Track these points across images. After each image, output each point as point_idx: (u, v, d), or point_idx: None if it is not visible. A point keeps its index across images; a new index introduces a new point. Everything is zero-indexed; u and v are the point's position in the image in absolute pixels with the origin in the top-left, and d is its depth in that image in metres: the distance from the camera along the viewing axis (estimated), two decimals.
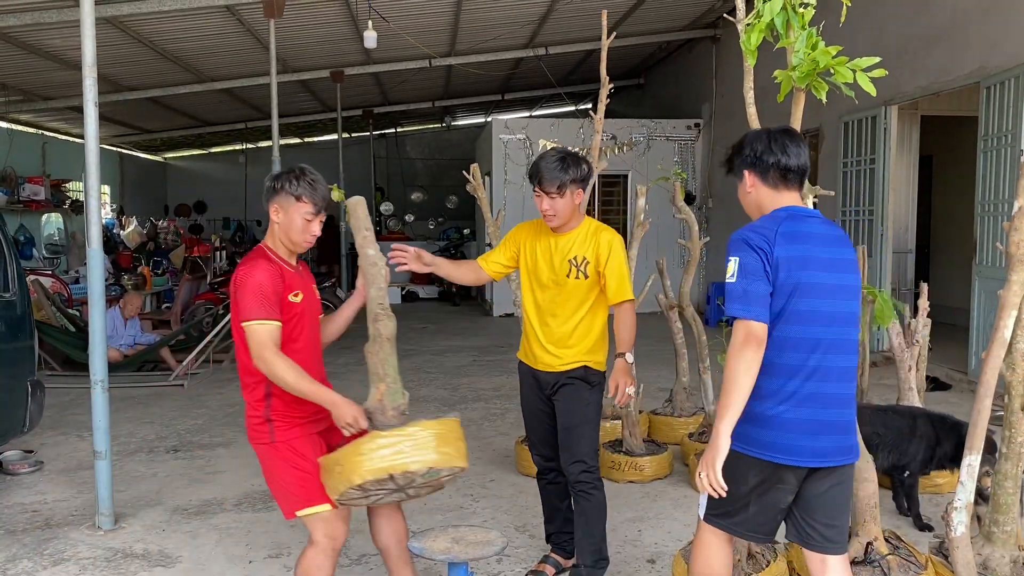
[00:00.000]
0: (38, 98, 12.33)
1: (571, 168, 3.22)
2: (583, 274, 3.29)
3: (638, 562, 3.74)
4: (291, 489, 2.80)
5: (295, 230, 2.84)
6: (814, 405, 2.38)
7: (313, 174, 2.89)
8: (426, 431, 2.74)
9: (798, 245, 2.41)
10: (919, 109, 9.04)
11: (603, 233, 3.33)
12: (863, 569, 3.01)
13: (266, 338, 2.70)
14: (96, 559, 3.85)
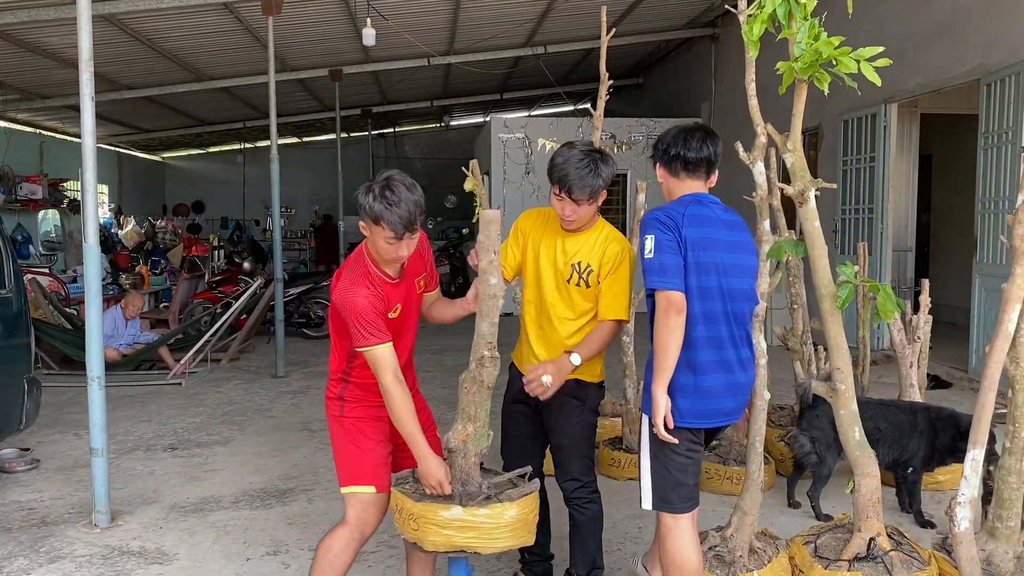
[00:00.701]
0: (35, 97, 12.30)
1: (603, 170, 2.95)
2: (584, 282, 3.06)
3: (638, 559, 3.71)
4: (344, 464, 2.84)
5: (380, 251, 2.66)
6: (718, 371, 2.73)
7: (395, 190, 2.53)
8: (508, 514, 2.61)
9: (701, 228, 2.75)
10: (919, 107, 9.02)
11: (613, 244, 3.08)
12: (865, 565, 2.98)
13: (384, 361, 2.65)
14: (92, 557, 3.81)
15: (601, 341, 3.03)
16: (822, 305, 2.98)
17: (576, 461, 3.17)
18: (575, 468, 3.16)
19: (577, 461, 3.17)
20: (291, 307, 10.48)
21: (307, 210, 20.88)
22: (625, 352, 4.95)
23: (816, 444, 4.10)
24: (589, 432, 3.21)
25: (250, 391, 7.50)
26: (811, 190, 2.92)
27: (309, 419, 6.45)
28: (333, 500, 4.57)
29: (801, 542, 3.21)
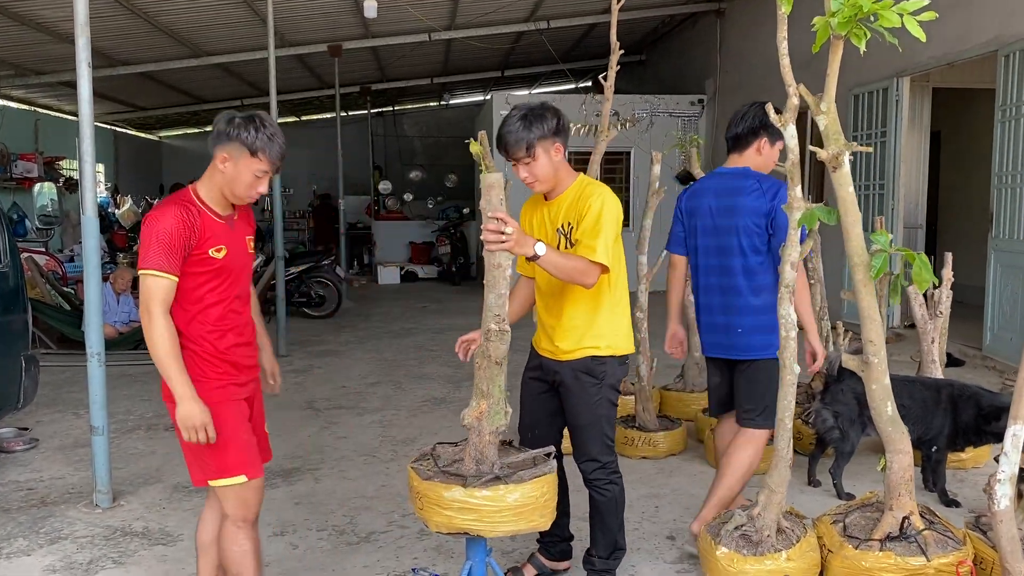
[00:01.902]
0: (30, 72, 12.08)
1: (536, 124, 2.75)
2: (569, 243, 2.85)
3: (657, 539, 3.61)
4: (205, 456, 2.56)
5: (241, 185, 2.53)
6: (704, 313, 3.48)
7: (274, 126, 2.53)
8: (511, 497, 2.49)
9: (692, 200, 3.49)
10: (931, 81, 8.85)
11: (586, 190, 2.86)
12: (898, 545, 2.87)
13: (157, 292, 2.43)
14: (94, 537, 3.70)
15: (570, 266, 2.68)
16: (855, 275, 2.85)
17: (595, 441, 3.01)
18: (593, 448, 3.02)
19: (596, 441, 3.01)
20: (292, 286, 10.34)
21: (306, 190, 20.65)
22: (639, 328, 4.82)
23: (839, 419, 3.99)
24: (608, 411, 3.03)
25: None
26: (846, 154, 2.78)
27: (313, 398, 6.34)
28: (340, 479, 4.47)
29: (829, 521, 3.09)
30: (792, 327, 2.92)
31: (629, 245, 11.41)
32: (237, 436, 2.58)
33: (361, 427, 5.51)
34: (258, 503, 2.69)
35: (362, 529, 3.77)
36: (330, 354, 8.16)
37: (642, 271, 4.85)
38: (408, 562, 3.41)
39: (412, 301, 12.56)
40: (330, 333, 9.45)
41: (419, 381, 6.88)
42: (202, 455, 2.57)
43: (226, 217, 2.61)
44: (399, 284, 15.20)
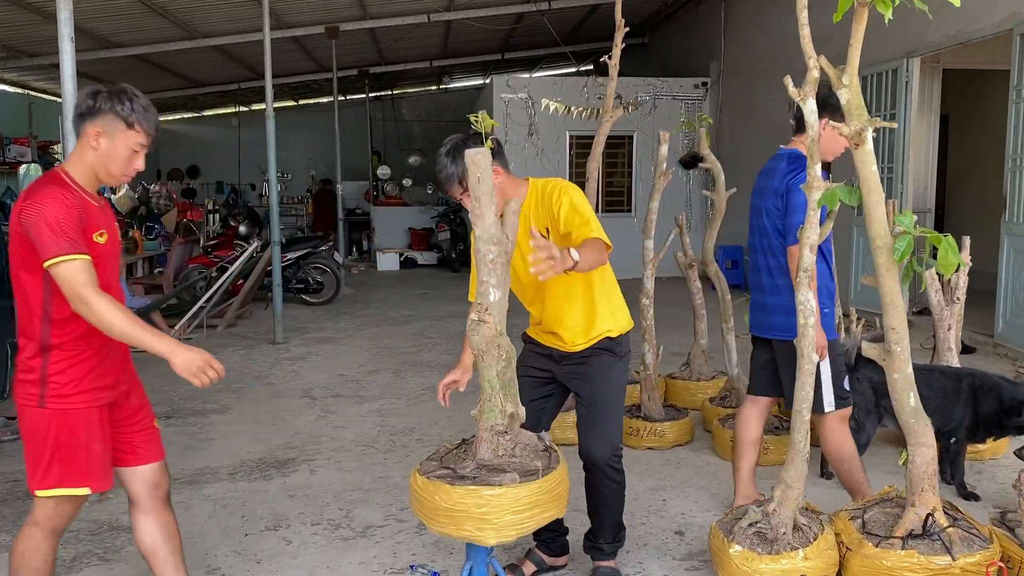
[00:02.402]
0: (23, 55, 11.86)
1: (460, 156, 2.65)
2: None
3: (665, 534, 3.47)
4: (51, 464, 2.37)
5: (117, 162, 2.38)
6: (752, 291, 3.58)
7: (145, 97, 2.42)
8: (519, 492, 2.32)
9: (756, 180, 3.58)
10: (941, 62, 8.64)
11: (547, 187, 2.85)
12: (921, 543, 2.72)
13: (79, 275, 2.23)
14: (79, 532, 3.56)
15: (595, 251, 2.58)
16: (878, 259, 2.69)
17: (615, 422, 2.95)
18: (614, 431, 2.94)
19: (616, 422, 2.95)
20: (289, 272, 10.18)
21: (304, 175, 20.45)
22: (644, 315, 4.67)
23: (855, 409, 3.83)
24: (624, 390, 3.04)
25: (248, 358, 7.24)
26: (869, 130, 2.61)
27: (310, 386, 6.19)
28: (336, 470, 4.33)
29: (847, 517, 2.94)
30: (810, 313, 2.77)
31: (631, 229, 11.15)
32: (90, 447, 2.39)
33: (359, 416, 5.37)
34: (73, 516, 2.53)
35: (358, 523, 3.63)
36: (328, 341, 8.01)
37: (648, 256, 4.69)
38: (406, 558, 3.27)
39: (411, 288, 12.41)
40: (328, 320, 9.30)
41: (418, 369, 6.74)
42: (48, 461, 2.37)
43: (99, 200, 2.44)
44: (398, 270, 15.04)
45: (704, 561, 3.20)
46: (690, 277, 5.17)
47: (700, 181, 13.05)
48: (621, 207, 13.19)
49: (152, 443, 2.64)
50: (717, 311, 5.04)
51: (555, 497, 2.42)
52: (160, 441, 2.69)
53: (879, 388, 3.88)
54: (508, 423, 2.42)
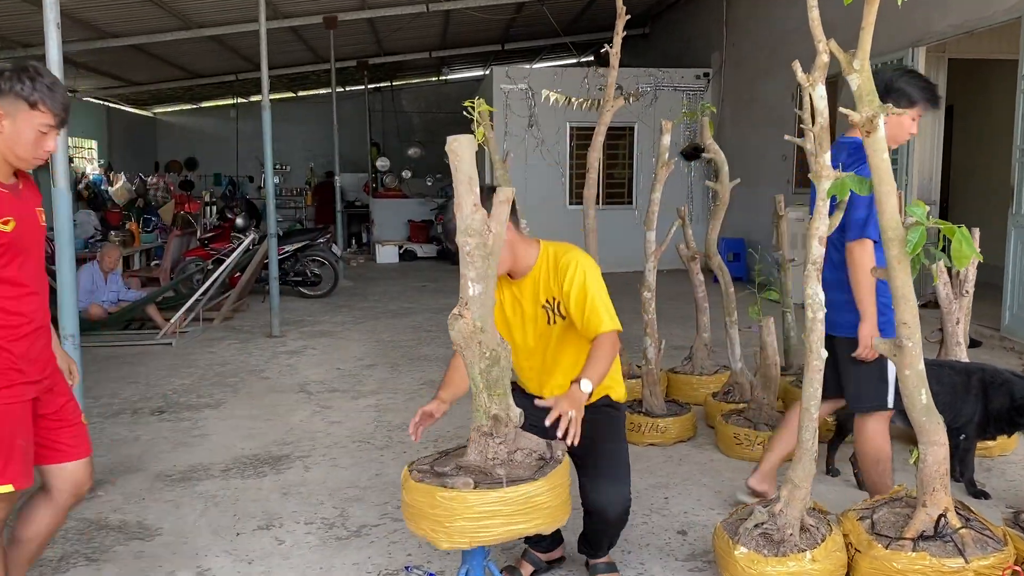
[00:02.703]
0: (16, 45, 11.73)
1: None
2: (559, 315, 2.75)
3: (668, 533, 3.38)
4: None
5: (25, 144, 2.27)
6: None
7: (51, 75, 2.31)
8: (473, 499, 2.19)
9: None
10: (947, 52, 8.52)
11: (562, 257, 2.74)
12: (933, 545, 2.63)
13: None
14: (67, 532, 3.47)
15: (606, 357, 2.61)
16: (889, 251, 2.59)
17: (627, 476, 2.75)
18: (627, 486, 2.73)
19: (628, 476, 2.75)
20: (287, 264, 10.09)
21: (302, 167, 20.36)
22: (646, 309, 4.57)
23: None
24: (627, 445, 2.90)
25: (244, 351, 7.15)
26: (881, 117, 2.51)
27: (306, 380, 6.10)
28: (332, 467, 4.24)
29: (855, 517, 2.85)
30: (819, 308, 2.67)
31: (631, 222, 11.04)
32: (12, 443, 2.29)
33: (355, 411, 5.28)
34: (7, 514, 2.41)
35: (353, 522, 3.54)
36: (325, 335, 7.92)
37: (650, 248, 4.60)
38: (401, 559, 3.18)
39: (411, 280, 12.31)
40: (325, 313, 9.21)
41: (417, 363, 6.65)
42: None
43: (10, 186, 2.32)
44: (397, 263, 14.95)
45: (708, 562, 3.11)
46: (692, 270, 5.08)
47: (701, 173, 12.95)
48: (621, 199, 13.08)
49: (80, 439, 2.54)
50: (719, 304, 4.94)
51: (527, 510, 2.22)
52: (87, 437, 2.59)
53: None
54: (492, 425, 2.31)
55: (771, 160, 10.91)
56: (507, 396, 2.30)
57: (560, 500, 2.31)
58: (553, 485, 2.27)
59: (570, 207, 12.80)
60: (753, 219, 11.07)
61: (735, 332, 4.77)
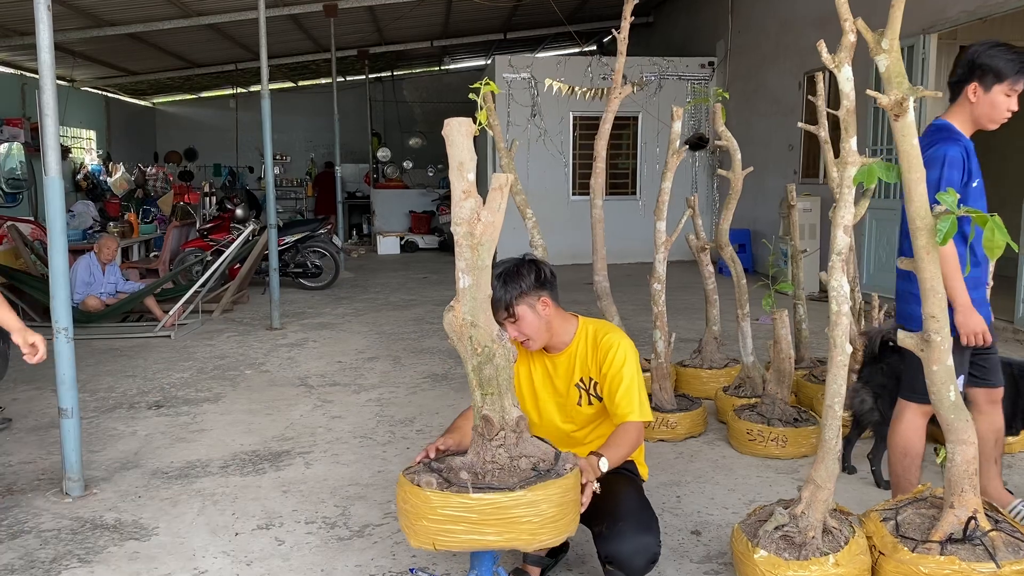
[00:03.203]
0: (13, 33, 11.57)
1: (512, 282, 2.54)
2: (595, 397, 2.67)
3: (681, 534, 3.27)
4: None
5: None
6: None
7: None
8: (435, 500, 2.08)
9: None
10: (958, 39, 8.36)
11: (604, 338, 2.64)
12: (961, 548, 2.52)
13: None
14: (60, 531, 3.36)
15: (628, 445, 2.53)
16: (917, 240, 2.47)
17: (651, 516, 2.53)
18: (650, 521, 2.50)
19: (652, 516, 2.53)
20: (287, 256, 9.97)
21: (303, 158, 20.20)
22: (656, 301, 4.45)
23: (879, 400, 3.64)
24: None
25: (243, 344, 7.03)
26: (911, 99, 2.39)
27: (306, 373, 5.99)
28: (333, 464, 4.13)
29: (878, 519, 2.74)
30: (844, 300, 2.55)
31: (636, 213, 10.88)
32: None
33: (357, 406, 5.17)
34: None
35: (355, 522, 3.43)
36: (326, 327, 7.80)
37: (660, 239, 4.47)
38: (406, 561, 3.07)
39: (412, 272, 12.19)
40: (326, 305, 9.09)
41: (419, 356, 6.53)
42: None
43: None
44: (399, 254, 14.82)
45: (724, 564, 3.00)
46: (702, 261, 4.96)
47: (706, 163, 12.81)
48: (625, 190, 12.95)
49: None
50: (726, 296, 4.82)
51: (498, 522, 2.05)
52: None
53: None
54: (484, 427, 2.18)
55: (777, 150, 10.77)
56: (502, 397, 2.17)
57: (544, 518, 2.08)
58: (535, 500, 2.06)
59: (573, 198, 12.68)
60: (759, 209, 10.94)
61: (747, 325, 4.65)
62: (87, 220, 11.09)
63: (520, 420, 2.19)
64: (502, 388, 2.17)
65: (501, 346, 2.14)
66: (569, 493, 2.15)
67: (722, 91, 4.62)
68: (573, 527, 2.18)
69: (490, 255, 2.11)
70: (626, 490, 2.57)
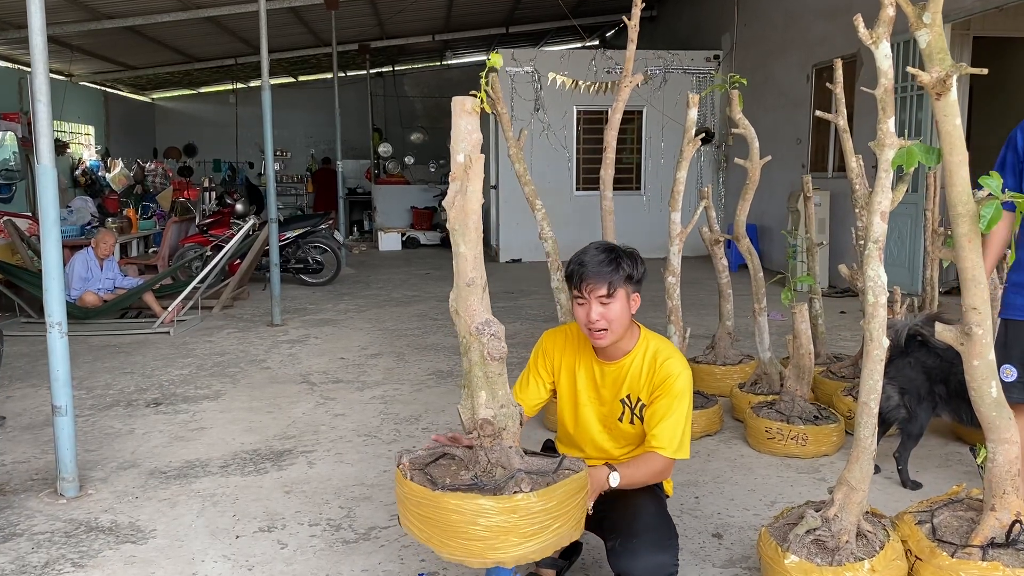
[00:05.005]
0: (10, 27, 11.43)
1: (624, 263, 2.36)
2: (639, 418, 2.47)
3: (702, 537, 3.13)
4: None
5: None
6: None
7: None
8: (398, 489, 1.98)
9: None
10: (971, 30, 8.22)
11: (665, 363, 2.42)
12: (1005, 553, 2.38)
13: None
14: (53, 534, 3.23)
15: (649, 472, 2.34)
16: (958, 228, 2.33)
17: (669, 532, 2.33)
18: (667, 538, 2.30)
19: (670, 533, 2.33)
20: (288, 251, 9.83)
21: (303, 154, 20.06)
22: (670, 295, 4.31)
23: (906, 396, 3.50)
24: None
25: (244, 340, 6.89)
26: (953, 77, 2.25)
27: (308, 371, 5.85)
28: (337, 463, 3.99)
29: (913, 521, 2.60)
30: (881, 291, 2.41)
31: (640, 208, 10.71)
32: None
33: (360, 403, 5.03)
34: None
35: (361, 524, 3.29)
36: (328, 323, 7.66)
37: (674, 230, 4.33)
38: (414, 565, 2.93)
39: (414, 268, 12.05)
40: (328, 301, 8.95)
41: (423, 352, 6.39)
42: None
43: None
44: (401, 251, 14.68)
45: (748, 569, 2.86)
46: (716, 254, 4.82)
47: (712, 158, 12.67)
48: (630, 184, 12.80)
49: None
50: (738, 291, 4.68)
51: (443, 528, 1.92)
52: None
53: (932, 373, 3.55)
54: (483, 425, 2.03)
55: (785, 143, 10.62)
56: (473, 396, 2.03)
57: (495, 535, 1.88)
58: (482, 511, 1.88)
59: (577, 193, 12.53)
60: (766, 204, 10.79)
61: (764, 319, 4.51)
62: (85, 216, 10.93)
63: (485, 424, 2.02)
64: (474, 385, 2.02)
65: (477, 340, 2.00)
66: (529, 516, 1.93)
67: (738, 77, 4.45)
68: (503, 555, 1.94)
69: (465, 241, 1.96)
70: (643, 502, 2.38)
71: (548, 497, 1.93)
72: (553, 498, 1.94)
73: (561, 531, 1.98)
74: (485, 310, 2.00)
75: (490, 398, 2.02)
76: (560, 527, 1.97)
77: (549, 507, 1.93)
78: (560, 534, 1.98)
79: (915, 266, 7.99)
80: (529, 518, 1.91)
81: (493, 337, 2.00)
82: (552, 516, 1.94)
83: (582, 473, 2.06)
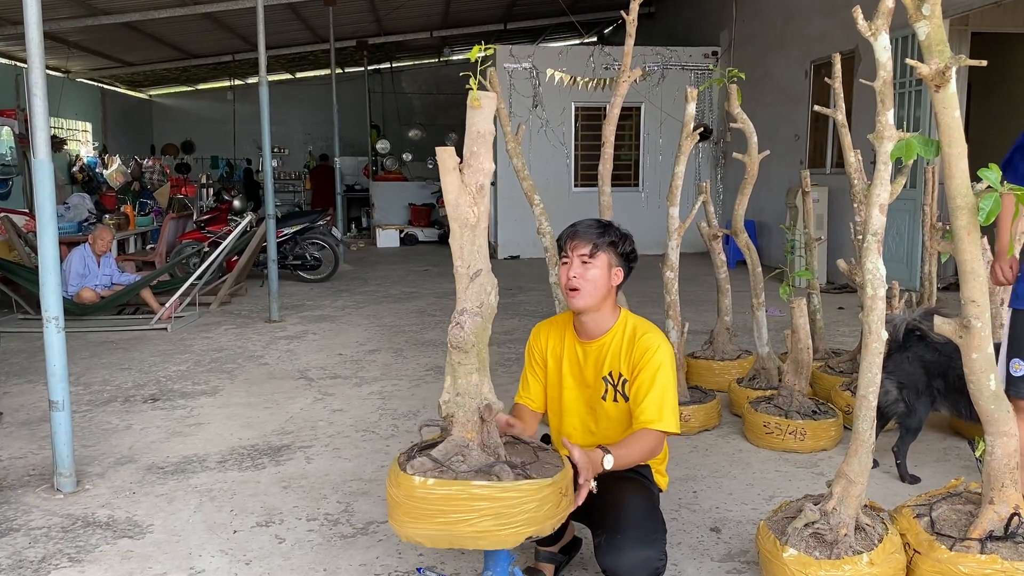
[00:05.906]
0: (6, 22, 11.40)
1: (612, 232, 2.47)
2: (622, 395, 2.49)
3: (699, 531, 3.12)
4: None
5: None
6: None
7: None
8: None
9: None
10: (969, 25, 8.22)
11: (643, 337, 2.46)
12: (1003, 546, 2.38)
13: None
14: (50, 529, 3.22)
15: (641, 450, 2.35)
16: (956, 220, 2.33)
17: (655, 526, 2.33)
18: (653, 532, 2.29)
19: (656, 526, 2.33)
20: (286, 248, 9.82)
21: (301, 151, 20.04)
22: (669, 290, 4.31)
23: (904, 391, 3.50)
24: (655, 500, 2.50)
25: (241, 336, 6.88)
26: (952, 69, 2.24)
27: (306, 366, 5.84)
28: (334, 459, 3.98)
29: (911, 515, 2.60)
30: (880, 284, 2.40)
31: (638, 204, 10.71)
32: None
33: (358, 399, 5.02)
34: None
35: (359, 518, 3.28)
36: (326, 319, 7.65)
37: (673, 225, 4.32)
38: (413, 559, 2.93)
39: (412, 264, 12.04)
40: (326, 297, 8.94)
41: (421, 348, 6.39)
42: None
43: None
44: (399, 247, 14.66)
45: (746, 563, 2.86)
46: (714, 249, 4.81)
47: (710, 154, 12.66)
48: (628, 181, 12.79)
49: None
50: (735, 287, 4.67)
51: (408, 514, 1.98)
52: None
53: (931, 368, 3.55)
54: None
55: (783, 139, 10.61)
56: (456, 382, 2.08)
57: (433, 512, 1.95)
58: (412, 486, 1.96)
59: (575, 189, 12.53)
60: (764, 200, 10.79)
61: (762, 314, 4.50)
62: (83, 212, 10.91)
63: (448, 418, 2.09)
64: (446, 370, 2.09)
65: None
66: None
67: (737, 71, 4.45)
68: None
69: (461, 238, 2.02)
70: (631, 496, 2.37)
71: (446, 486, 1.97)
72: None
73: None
74: (467, 300, 2.03)
75: (451, 384, 2.07)
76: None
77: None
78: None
79: (913, 262, 8.00)
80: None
81: (457, 326, 2.03)
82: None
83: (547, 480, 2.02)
